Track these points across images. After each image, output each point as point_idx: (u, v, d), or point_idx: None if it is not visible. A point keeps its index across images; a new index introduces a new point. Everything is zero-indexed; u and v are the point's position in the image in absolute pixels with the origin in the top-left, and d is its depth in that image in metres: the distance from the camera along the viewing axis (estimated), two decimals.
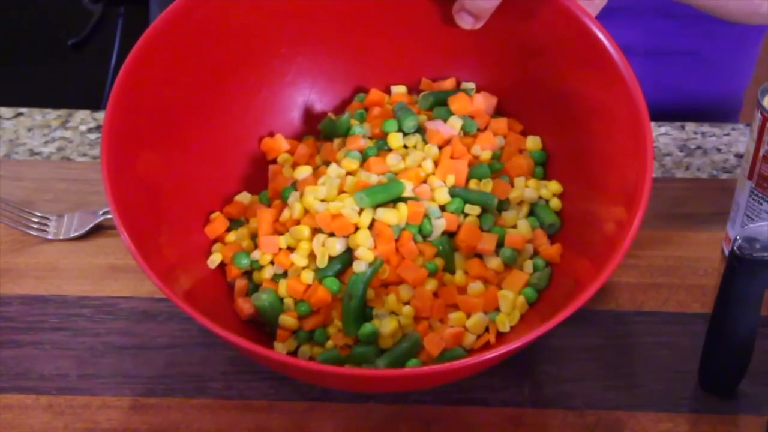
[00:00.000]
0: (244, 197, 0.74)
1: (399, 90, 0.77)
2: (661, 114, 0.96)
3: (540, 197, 0.71)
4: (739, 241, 0.61)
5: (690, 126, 0.93)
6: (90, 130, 0.92)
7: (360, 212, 0.67)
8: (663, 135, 0.92)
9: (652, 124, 0.93)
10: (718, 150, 0.90)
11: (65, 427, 0.65)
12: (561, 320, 0.59)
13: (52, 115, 0.94)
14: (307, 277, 0.67)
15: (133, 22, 1.66)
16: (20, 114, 0.94)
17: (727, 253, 0.72)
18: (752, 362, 0.66)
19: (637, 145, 0.63)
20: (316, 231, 0.68)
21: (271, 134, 0.76)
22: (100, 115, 0.94)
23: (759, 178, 0.72)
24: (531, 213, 0.71)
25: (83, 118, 0.93)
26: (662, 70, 1.03)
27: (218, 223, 0.72)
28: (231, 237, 0.71)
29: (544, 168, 0.74)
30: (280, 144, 0.76)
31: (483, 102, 0.74)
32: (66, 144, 0.90)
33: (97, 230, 0.80)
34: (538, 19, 0.70)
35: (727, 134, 0.92)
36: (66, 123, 0.93)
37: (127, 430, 0.65)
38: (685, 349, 0.70)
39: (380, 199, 0.68)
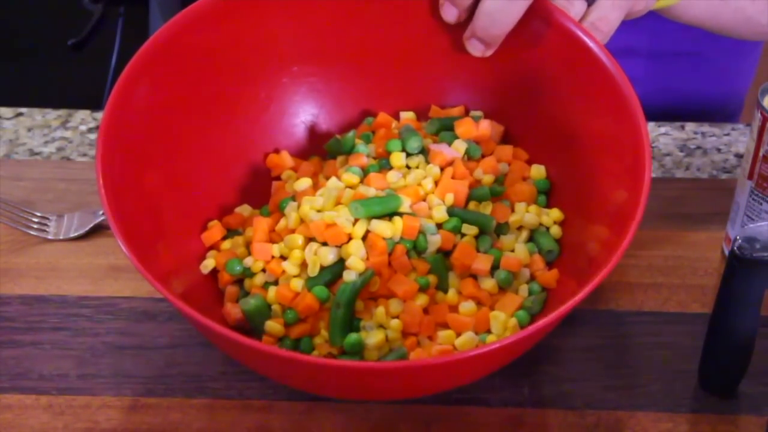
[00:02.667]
0: (244, 209, 0.74)
1: (407, 115, 0.77)
2: (663, 115, 0.96)
3: (541, 224, 0.71)
4: (739, 241, 0.61)
5: (690, 126, 0.93)
6: (90, 130, 0.92)
7: (354, 223, 0.67)
8: (663, 135, 0.92)
9: (652, 124, 0.93)
10: (718, 150, 0.90)
11: (65, 427, 0.65)
12: (542, 327, 0.58)
13: (52, 115, 0.94)
14: (297, 284, 0.67)
15: (133, 22, 1.66)
16: (20, 114, 0.94)
17: (727, 253, 0.71)
18: (752, 362, 0.66)
19: (636, 177, 0.63)
20: (310, 240, 0.68)
21: (277, 151, 0.76)
22: (100, 115, 0.94)
23: (759, 178, 0.72)
24: (531, 239, 0.71)
25: (83, 118, 0.93)
26: (665, 72, 1.03)
27: (215, 230, 0.72)
28: (226, 245, 0.71)
29: (547, 197, 0.73)
30: (285, 161, 0.76)
31: (488, 127, 0.74)
32: (66, 144, 0.90)
33: (97, 230, 0.80)
34: (546, 46, 0.70)
35: (727, 134, 0.92)
36: (66, 123, 0.93)
37: (127, 430, 0.65)
38: (685, 349, 0.70)
39: (376, 212, 0.67)
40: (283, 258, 0.69)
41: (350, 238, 0.67)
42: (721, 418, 0.66)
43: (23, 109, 0.95)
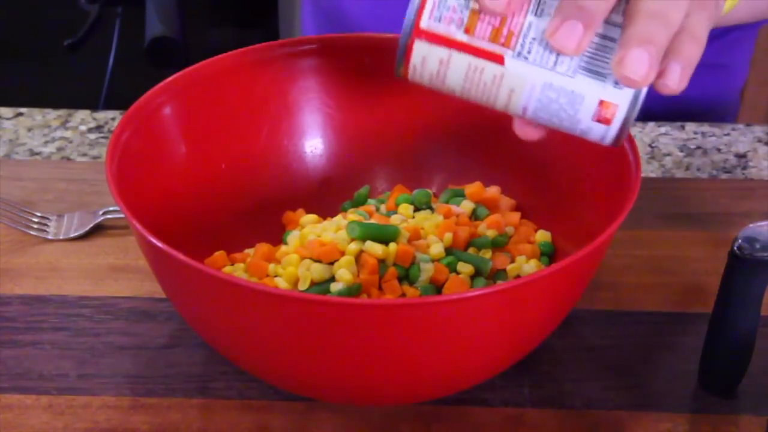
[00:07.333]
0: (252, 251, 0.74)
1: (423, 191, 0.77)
2: (658, 114, 0.96)
3: None
4: (739, 241, 0.61)
5: (690, 126, 0.93)
6: (90, 130, 0.92)
7: (350, 242, 0.67)
8: (663, 135, 0.92)
9: (652, 123, 0.93)
10: (718, 150, 0.90)
11: (65, 427, 0.65)
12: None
13: (52, 115, 0.94)
14: None
15: (130, 22, 1.65)
16: (20, 114, 0.94)
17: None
18: (752, 362, 0.66)
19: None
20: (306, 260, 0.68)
21: (293, 208, 0.77)
22: (100, 115, 0.94)
23: None
24: None
25: (83, 118, 0.93)
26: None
27: (219, 259, 0.71)
28: (228, 269, 0.71)
29: (551, 260, 0.72)
30: (300, 219, 0.75)
31: (497, 192, 0.75)
32: (66, 144, 0.90)
33: (97, 230, 0.80)
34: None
35: (727, 134, 0.92)
36: (66, 123, 0.93)
37: (127, 430, 0.65)
38: (685, 349, 0.70)
39: (372, 235, 0.67)
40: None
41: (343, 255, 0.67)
42: (721, 418, 0.66)
43: (23, 109, 0.95)
